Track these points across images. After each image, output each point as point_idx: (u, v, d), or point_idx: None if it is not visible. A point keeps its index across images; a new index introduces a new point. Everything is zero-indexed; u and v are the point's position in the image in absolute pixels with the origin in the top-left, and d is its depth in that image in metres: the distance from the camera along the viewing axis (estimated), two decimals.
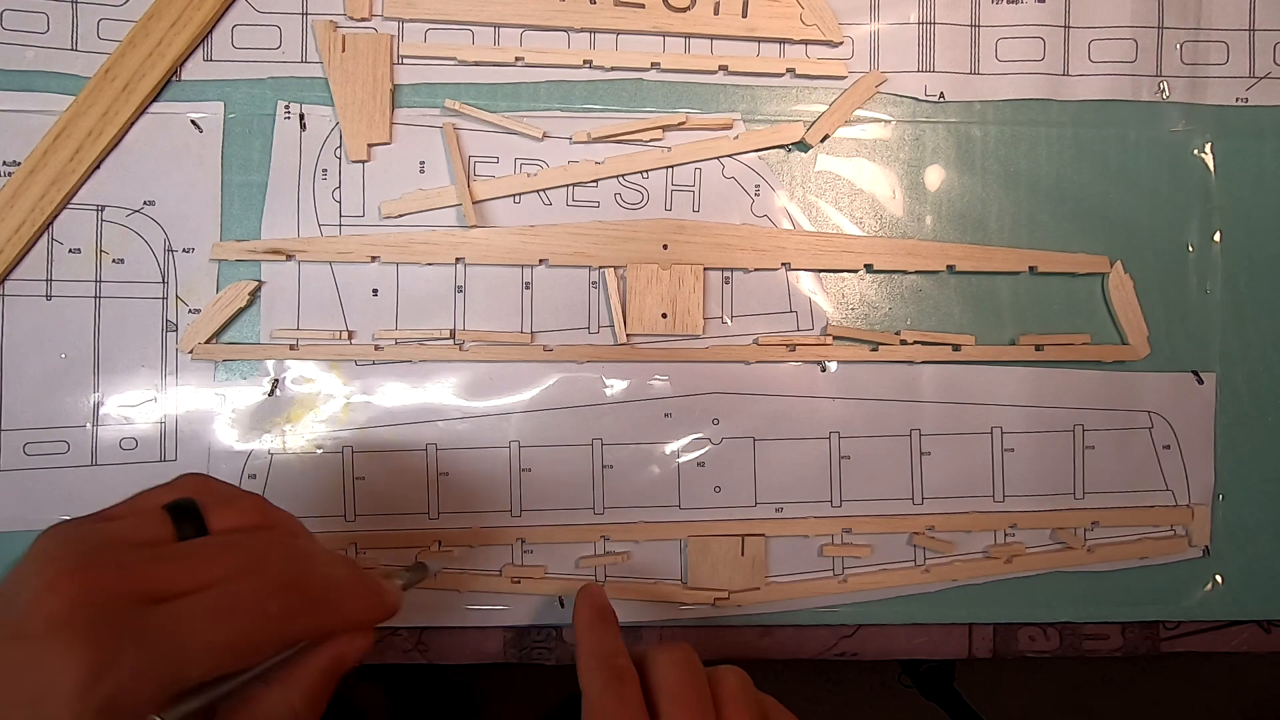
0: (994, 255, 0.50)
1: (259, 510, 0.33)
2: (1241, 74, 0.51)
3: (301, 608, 0.31)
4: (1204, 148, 0.51)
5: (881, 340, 0.49)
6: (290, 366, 0.48)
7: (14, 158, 0.46)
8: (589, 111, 0.49)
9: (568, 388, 0.49)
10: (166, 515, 0.31)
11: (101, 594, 0.28)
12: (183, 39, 0.46)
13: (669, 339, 0.49)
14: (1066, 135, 0.50)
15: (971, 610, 0.50)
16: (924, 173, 0.50)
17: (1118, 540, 0.51)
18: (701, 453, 0.49)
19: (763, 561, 0.49)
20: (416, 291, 0.48)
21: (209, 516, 0.32)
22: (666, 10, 0.48)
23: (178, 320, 0.47)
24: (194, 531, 0.31)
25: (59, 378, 0.47)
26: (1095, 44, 0.50)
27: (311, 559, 0.32)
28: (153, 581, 0.29)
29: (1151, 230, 0.51)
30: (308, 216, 0.48)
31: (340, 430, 0.48)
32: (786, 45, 0.49)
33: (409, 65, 0.48)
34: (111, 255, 0.47)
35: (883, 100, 0.50)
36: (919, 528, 0.50)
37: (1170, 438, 0.51)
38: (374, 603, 0.33)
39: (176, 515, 0.31)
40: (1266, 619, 0.52)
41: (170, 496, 0.32)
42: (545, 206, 0.49)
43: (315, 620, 0.31)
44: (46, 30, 0.47)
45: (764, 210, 0.50)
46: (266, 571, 0.31)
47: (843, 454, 0.50)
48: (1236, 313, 0.51)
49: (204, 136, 0.48)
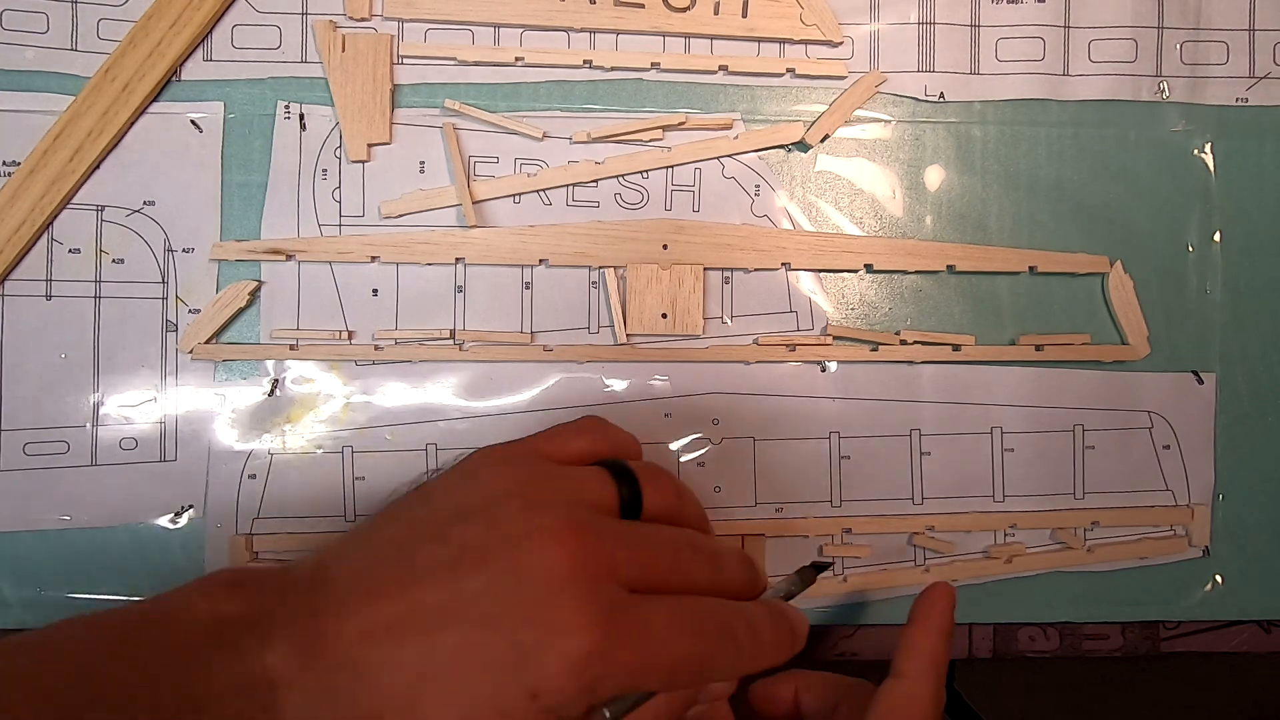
0: (994, 255, 0.50)
1: (677, 491, 0.32)
2: (1241, 74, 0.51)
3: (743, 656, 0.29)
4: (1204, 148, 0.51)
5: (881, 340, 0.49)
6: (290, 366, 0.48)
7: (14, 158, 0.46)
8: (589, 111, 0.49)
9: (568, 388, 0.49)
10: (610, 477, 0.31)
11: (598, 563, 0.27)
12: (183, 39, 0.46)
13: (669, 339, 0.49)
14: (1066, 135, 0.50)
15: (971, 610, 0.50)
16: (924, 173, 0.50)
17: (1118, 540, 0.51)
18: (701, 453, 0.49)
19: (763, 561, 0.49)
20: (416, 291, 0.48)
21: (644, 486, 0.31)
22: (666, 10, 0.48)
23: (178, 320, 0.47)
24: (631, 498, 0.30)
25: (59, 378, 0.47)
26: (1095, 44, 0.50)
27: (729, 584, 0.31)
28: (632, 565, 0.28)
29: (1151, 230, 0.51)
30: (308, 216, 0.48)
31: (340, 430, 0.48)
32: (786, 45, 0.49)
33: (409, 65, 0.48)
34: (111, 255, 0.47)
35: (883, 100, 0.50)
36: (919, 528, 0.50)
37: (1170, 438, 0.51)
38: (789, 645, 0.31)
39: (616, 478, 0.31)
40: (1266, 619, 0.52)
41: (588, 444, 0.32)
42: (545, 206, 0.49)
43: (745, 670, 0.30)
44: (46, 30, 0.47)
45: (764, 210, 0.50)
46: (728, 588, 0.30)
47: (843, 454, 0.50)
48: (1236, 313, 0.51)
49: (204, 136, 0.48)
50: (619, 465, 0.31)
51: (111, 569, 0.47)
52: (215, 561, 0.47)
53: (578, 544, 0.27)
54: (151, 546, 0.47)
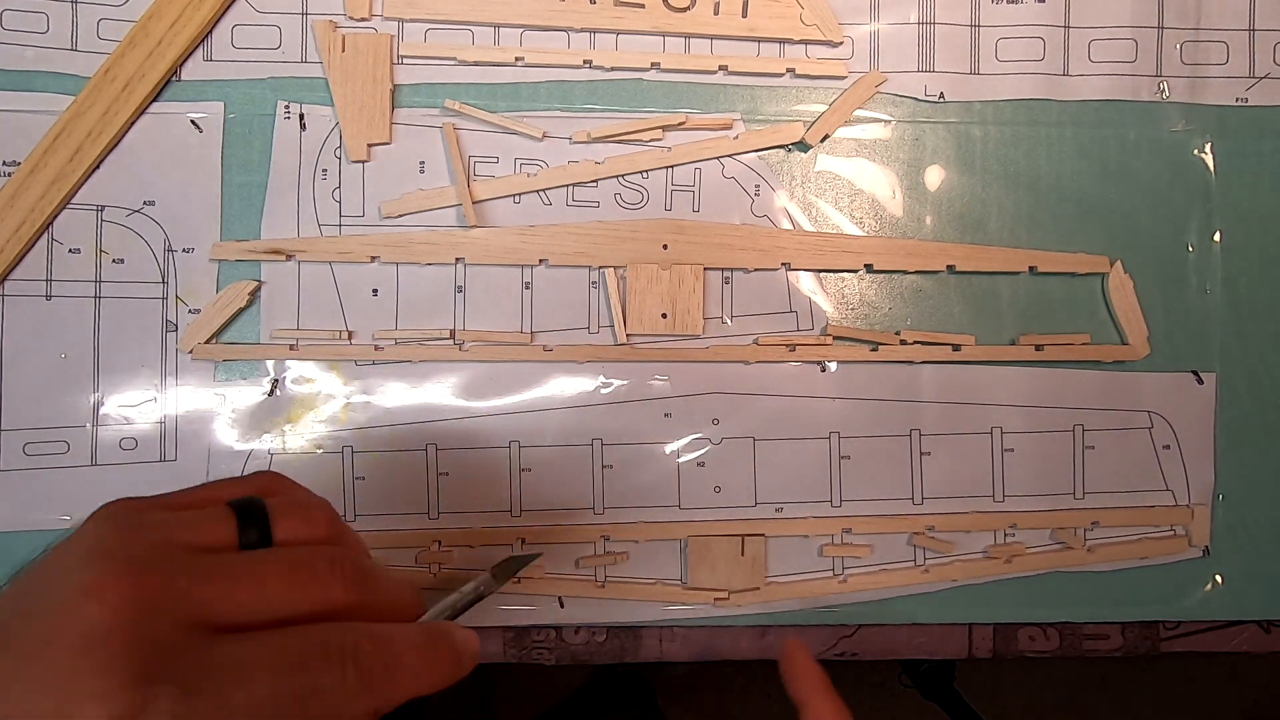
0: (994, 255, 0.50)
1: (329, 521, 0.29)
2: (1241, 74, 0.51)
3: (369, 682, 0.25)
4: (1204, 148, 0.51)
5: (881, 340, 0.49)
6: (290, 366, 0.48)
7: (14, 158, 0.46)
8: (589, 111, 0.49)
9: (568, 388, 0.49)
10: (232, 514, 0.27)
11: (152, 609, 0.24)
12: (183, 39, 0.46)
13: (669, 339, 0.49)
14: (1066, 135, 0.50)
15: (971, 610, 0.50)
16: (924, 173, 0.50)
17: (1118, 540, 0.51)
18: (701, 453, 0.49)
19: (763, 561, 0.49)
20: (416, 291, 0.48)
21: (275, 522, 0.28)
22: (666, 10, 0.48)
23: (178, 320, 0.47)
24: (258, 537, 0.27)
25: (59, 378, 0.47)
26: (1095, 44, 0.50)
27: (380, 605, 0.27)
28: (211, 602, 0.25)
29: (1151, 230, 0.51)
30: (308, 216, 0.48)
31: (340, 430, 0.48)
32: (786, 45, 0.49)
33: (409, 65, 0.48)
34: (111, 255, 0.47)
35: (883, 100, 0.50)
36: (919, 528, 0.50)
37: (1170, 438, 0.51)
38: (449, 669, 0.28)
39: (242, 515, 0.27)
40: (1266, 619, 0.52)
41: (239, 492, 0.29)
42: (545, 206, 0.49)
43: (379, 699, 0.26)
44: (46, 30, 0.47)
45: (764, 210, 0.50)
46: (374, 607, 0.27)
47: (843, 454, 0.50)
48: (1236, 313, 0.51)
49: (204, 136, 0.48)
50: (249, 502, 0.28)
51: None
52: None
53: (125, 591, 0.23)
54: None
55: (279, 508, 0.28)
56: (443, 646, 0.28)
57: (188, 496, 0.29)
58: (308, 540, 0.28)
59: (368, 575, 0.28)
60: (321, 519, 0.29)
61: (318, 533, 0.28)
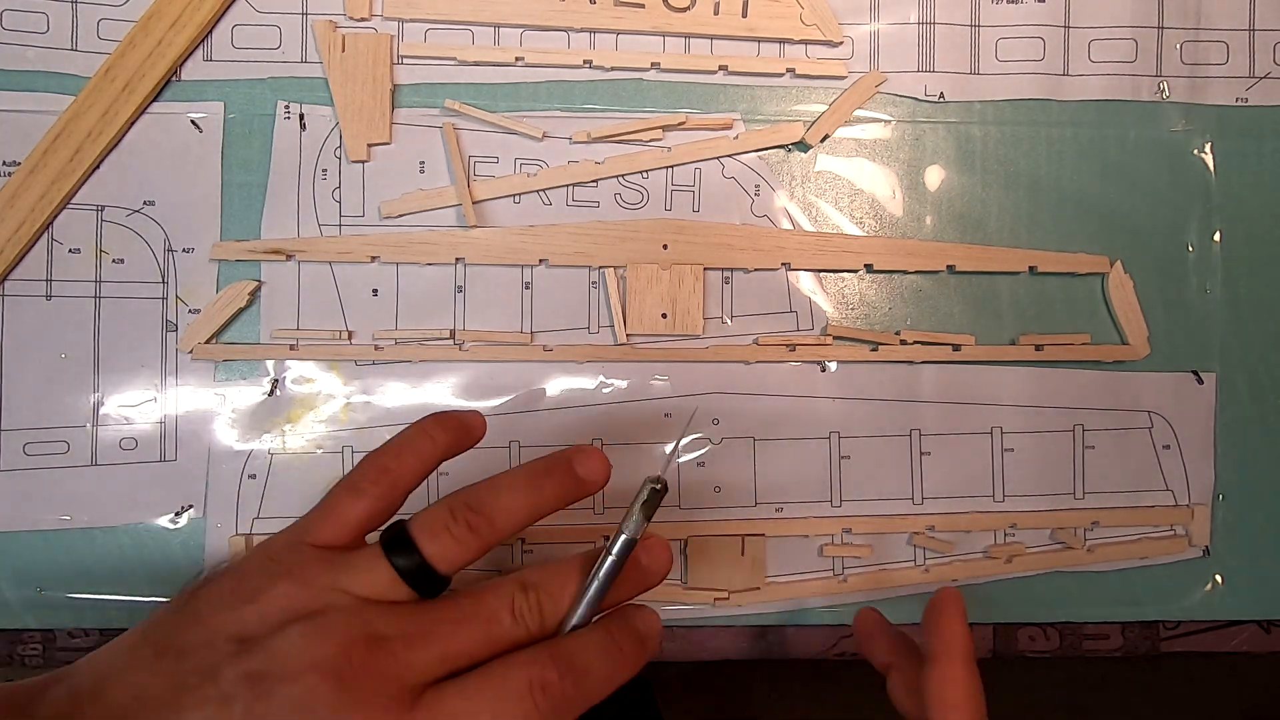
0: (994, 255, 0.50)
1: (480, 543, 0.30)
2: (1241, 74, 0.51)
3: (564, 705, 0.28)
4: (1204, 148, 0.51)
5: (881, 340, 0.49)
6: (290, 366, 0.48)
7: (14, 158, 0.46)
8: (589, 111, 0.49)
9: (568, 388, 0.49)
10: (387, 563, 0.29)
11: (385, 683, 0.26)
12: (183, 39, 0.46)
13: (669, 339, 0.49)
14: (1066, 135, 0.50)
15: (971, 610, 0.50)
16: (924, 173, 0.50)
17: (1118, 540, 0.51)
18: (701, 453, 0.49)
19: (763, 561, 0.49)
20: (416, 291, 0.48)
21: (422, 545, 0.29)
22: (666, 10, 0.48)
23: (178, 320, 0.47)
24: (415, 566, 0.29)
25: (59, 378, 0.47)
26: (1095, 44, 0.50)
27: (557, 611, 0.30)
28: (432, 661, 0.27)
29: (1151, 230, 0.51)
30: (308, 216, 0.48)
31: (340, 430, 0.48)
32: (786, 45, 0.49)
33: (409, 65, 0.48)
34: (111, 255, 0.47)
35: (883, 100, 0.50)
36: (919, 528, 0.50)
37: (1170, 438, 0.51)
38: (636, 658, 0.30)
39: (389, 547, 0.29)
40: (1266, 619, 0.52)
41: (366, 508, 0.30)
42: (545, 206, 0.49)
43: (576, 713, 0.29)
44: (46, 30, 0.47)
45: (764, 210, 0.50)
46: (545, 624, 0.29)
47: (843, 454, 0.50)
48: (1236, 313, 0.51)
49: (204, 136, 0.48)
50: (396, 535, 0.30)
51: (111, 569, 0.47)
52: (215, 561, 0.47)
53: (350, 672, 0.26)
54: (151, 546, 0.47)
55: (422, 531, 0.30)
56: (626, 640, 0.30)
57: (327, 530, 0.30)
58: (465, 561, 0.30)
59: (543, 605, 0.30)
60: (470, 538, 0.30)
61: (468, 551, 0.30)
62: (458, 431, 0.33)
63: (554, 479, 0.31)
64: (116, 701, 0.27)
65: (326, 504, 0.31)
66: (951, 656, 0.34)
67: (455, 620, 0.29)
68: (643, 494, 0.31)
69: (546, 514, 0.31)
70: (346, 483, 0.31)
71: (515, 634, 0.29)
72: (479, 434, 0.34)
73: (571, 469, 0.31)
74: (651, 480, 0.31)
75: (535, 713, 0.27)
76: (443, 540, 0.30)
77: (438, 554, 0.29)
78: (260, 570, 0.29)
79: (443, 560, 0.29)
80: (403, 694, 0.27)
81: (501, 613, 0.29)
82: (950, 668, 0.34)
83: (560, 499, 0.31)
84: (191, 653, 0.27)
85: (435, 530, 0.30)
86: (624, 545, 0.31)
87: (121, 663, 0.28)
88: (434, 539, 0.30)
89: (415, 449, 0.32)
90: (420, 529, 0.30)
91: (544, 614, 0.30)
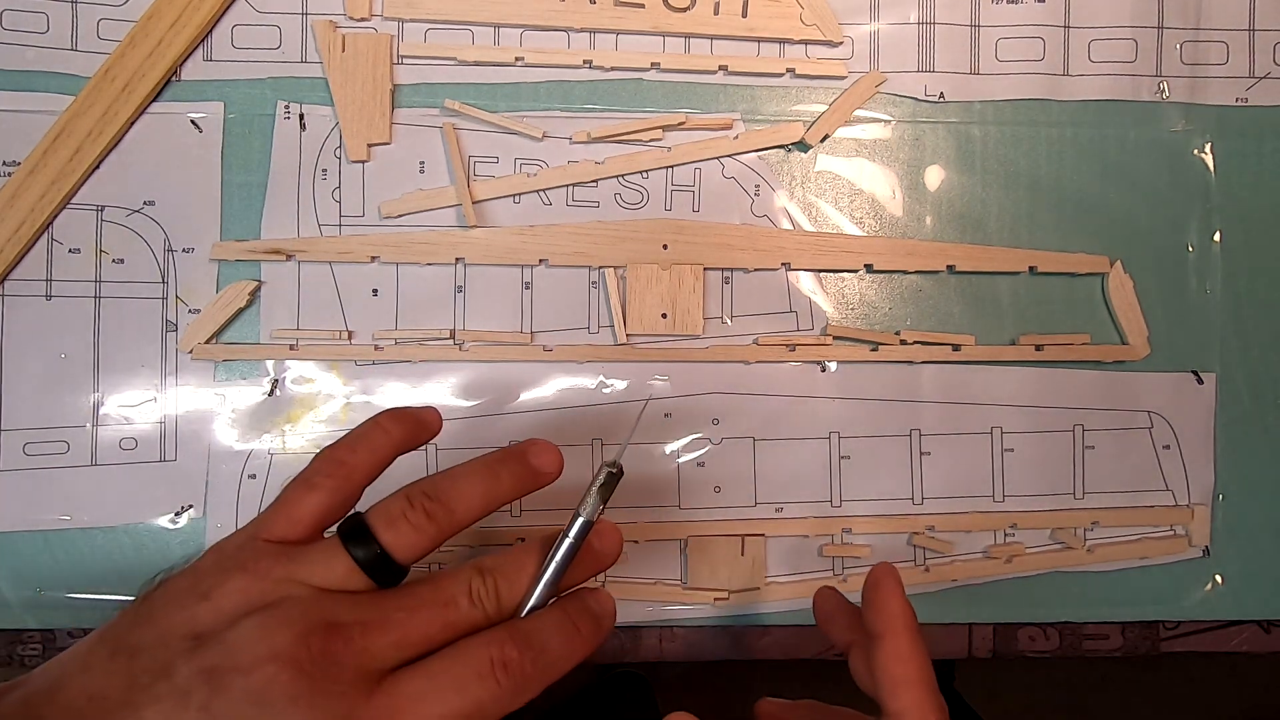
0: (994, 255, 0.50)
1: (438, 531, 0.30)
2: (1241, 74, 0.51)
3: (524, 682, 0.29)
4: (1204, 148, 0.51)
5: (881, 340, 0.49)
6: (290, 366, 0.48)
7: (14, 158, 0.46)
8: (589, 111, 0.49)
9: (567, 388, 0.49)
10: (345, 553, 0.29)
11: (343, 671, 0.26)
12: (183, 39, 0.46)
13: (669, 339, 0.49)
14: (1066, 135, 0.50)
15: (971, 610, 0.50)
16: (924, 173, 0.50)
17: (1118, 540, 0.51)
18: (701, 453, 0.49)
19: (762, 561, 0.49)
20: (416, 291, 0.48)
21: (384, 538, 0.29)
22: (666, 10, 0.48)
23: (178, 320, 0.47)
24: (374, 557, 0.29)
25: (59, 378, 0.47)
26: (1095, 44, 0.50)
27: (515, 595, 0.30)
28: (389, 647, 0.28)
29: (1151, 230, 0.51)
30: (308, 216, 0.48)
31: (340, 430, 0.48)
32: (786, 45, 0.49)
33: (409, 65, 0.48)
34: (111, 255, 0.47)
35: (883, 100, 0.50)
36: (919, 528, 0.50)
37: (1170, 438, 0.51)
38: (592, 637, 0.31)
39: (346, 538, 0.29)
40: (1266, 619, 0.52)
41: (322, 501, 0.30)
42: (545, 206, 0.49)
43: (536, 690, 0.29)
44: (46, 30, 0.47)
45: (764, 210, 0.50)
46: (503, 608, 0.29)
47: (842, 454, 0.50)
48: (1236, 313, 0.51)
49: (204, 136, 0.48)
50: (354, 526, 0.30)
51: (111, 569, 0.47)
52: None
53: (308, 660, 0.26)
54: (151, 546, 0.47)
55: (380, 519, 0.30)
56: (583, 619, 0.31)
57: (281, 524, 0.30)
58: (423, 549, 0.30)
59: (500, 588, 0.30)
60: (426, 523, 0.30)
61: (426, 539, 0.30)
62: (412, 425, 0.33)
63: (509, 468, 0.32)
64: (71, 703, 0.27)
65: (281, 500, 0.31)
66: (895, 632, 0.34)
67: (413, 606, 0.29)
68: (599, 478, 0.32)
69: (504, 503, 0.32)
70: (300, 478, 0.31)
71: (473, 617, 0.29)
72: (434, 429, 0.34)
73: (526, 459, 0.32)
74: (608, 464, 0.32)
75: (497, 689, 0.28)
76: (400, 528, 0.30)
77: (395, 543, 0.30)
78: (215, 567, 0.29)
79: (400, 549, 0.30)
80: (362, 680, 0.27)
81: (459, 597, 0.29)
82: (895, 644, 0.34)
83: (516, 489, 0.32)
84: (146, 651, 0.27)
85: (393, 518, 0.30)
86: (581, 527, 0.31)
87: (76, 665, 0.28)
88: (391, 527, 0.30)
89: (369, 442, 0.32)
90: (377, 518, 0.30)
91: (501, 597, 0.30)
